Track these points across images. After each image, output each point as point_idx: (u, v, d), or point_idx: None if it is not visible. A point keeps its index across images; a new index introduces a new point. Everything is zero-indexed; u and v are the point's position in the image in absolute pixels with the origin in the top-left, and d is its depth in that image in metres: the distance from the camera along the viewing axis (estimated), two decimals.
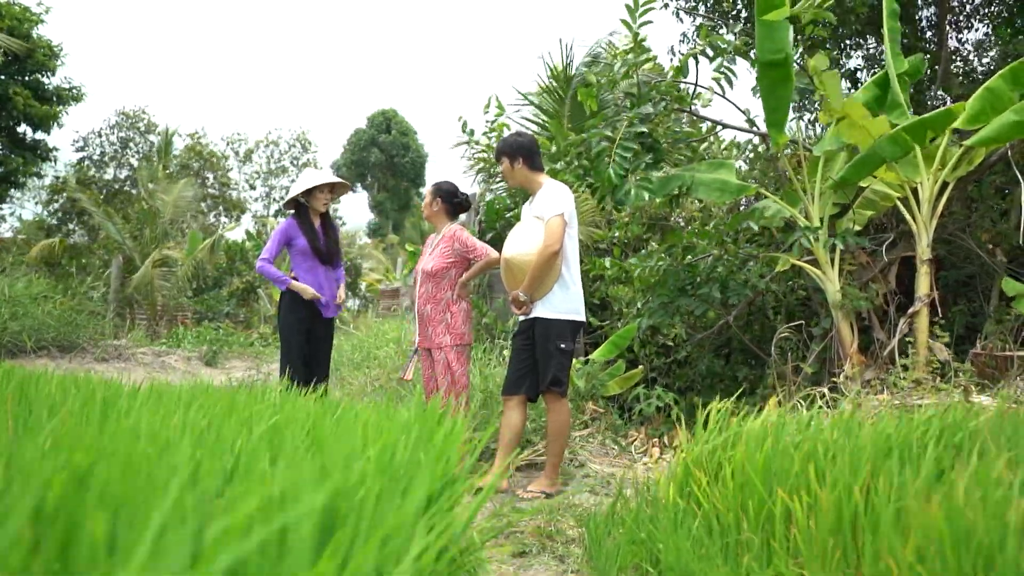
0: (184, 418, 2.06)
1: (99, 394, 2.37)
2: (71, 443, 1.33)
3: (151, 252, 16.60)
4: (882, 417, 2.62)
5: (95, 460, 1.15)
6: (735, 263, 5.91)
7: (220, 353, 10.56)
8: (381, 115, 36.86)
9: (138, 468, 1.18)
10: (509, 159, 4.49)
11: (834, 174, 5.25)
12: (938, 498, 1.52)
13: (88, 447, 1.24)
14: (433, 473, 1.78)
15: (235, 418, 2.07)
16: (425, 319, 4.80)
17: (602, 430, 5.42)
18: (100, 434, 1.53)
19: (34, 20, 17.89)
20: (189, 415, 2.22)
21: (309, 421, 2.11)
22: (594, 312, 7.87)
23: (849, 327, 5.26)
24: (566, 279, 4.27)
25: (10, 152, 18.10)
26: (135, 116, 24.19)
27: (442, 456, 1.86)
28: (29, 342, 8.70)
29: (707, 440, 2.88)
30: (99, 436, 1.50)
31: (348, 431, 1.86)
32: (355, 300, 27.49)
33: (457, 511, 2.20)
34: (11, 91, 17.04)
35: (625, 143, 5.05)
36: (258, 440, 1.66)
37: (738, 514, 2.50)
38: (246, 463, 1.39)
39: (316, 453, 1.51)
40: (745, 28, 5.95)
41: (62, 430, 1.58)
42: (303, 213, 5.22)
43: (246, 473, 1.32)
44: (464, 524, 2.09)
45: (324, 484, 1.09)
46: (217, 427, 1.90)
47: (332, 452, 1.46)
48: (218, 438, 1.62)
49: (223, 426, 1.89)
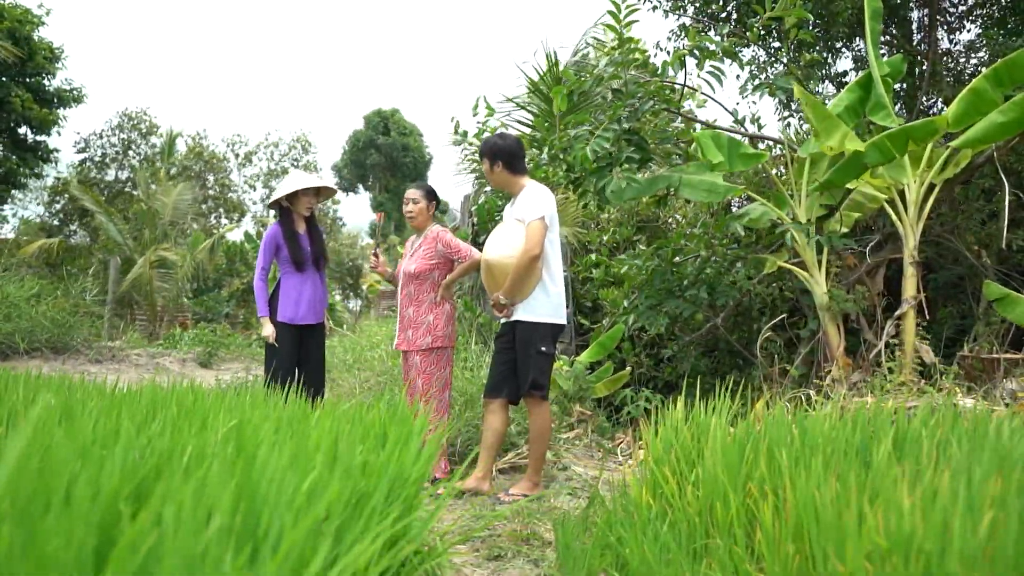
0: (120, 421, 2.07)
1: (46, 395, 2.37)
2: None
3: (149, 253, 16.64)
4: (847, 417, 2.61)
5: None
6: (723, 265, 5.91)
7: (216, 355, 10.57)
8: (377, 115, 36.82)
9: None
10: (489, 161, 4.48)
11: (820, 176, 5.24)
12: (876, 504, 1.52)
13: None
14: (380, 475, 1.78)
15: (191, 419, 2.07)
16: (407, 321, 4.79)
17: (588, 432, 5.41)
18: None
19: (35, 22, 17.93)
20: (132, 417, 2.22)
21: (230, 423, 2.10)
22: (585, 314, 7.87)
23: (836, 329, 5.25)
24: (547, 282, 4.27)
25: (11, 153, 18.15)
26: (137, 117, 24.22)
27: (392, 459, 1.85)
28: (22, 343, 8.71)
29: (673, 440, 2.88)
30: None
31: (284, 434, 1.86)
32: (356, 301, 27.54)
33: (419, 514, 2.20)
34: (12, 94, 17.08)
35: (605, 132, 5.03)
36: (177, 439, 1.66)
37: (705, 517, 2.50)
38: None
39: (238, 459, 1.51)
40: (734, 29, 5.95)
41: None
42: (287, 217, 5.14)
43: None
44: (421, 527, 2.10)
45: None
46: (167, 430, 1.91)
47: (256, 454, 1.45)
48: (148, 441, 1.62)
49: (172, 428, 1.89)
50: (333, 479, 1.49)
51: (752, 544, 2.27)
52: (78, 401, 2.47)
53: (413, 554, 2.11)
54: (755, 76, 5.33)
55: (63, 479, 1.12)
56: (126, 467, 1.38)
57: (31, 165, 18.77)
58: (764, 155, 5.28)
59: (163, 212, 18.89)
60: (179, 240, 19.51)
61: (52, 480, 1.16)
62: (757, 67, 5.40)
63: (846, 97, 5.39)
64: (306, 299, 5.06)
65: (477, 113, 6.46)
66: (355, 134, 37.24)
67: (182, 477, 1.25)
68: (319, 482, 1.39)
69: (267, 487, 1.22)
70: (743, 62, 5.46)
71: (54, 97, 18.65)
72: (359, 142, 36.77)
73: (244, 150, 26.08)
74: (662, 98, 5.50)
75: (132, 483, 1.25)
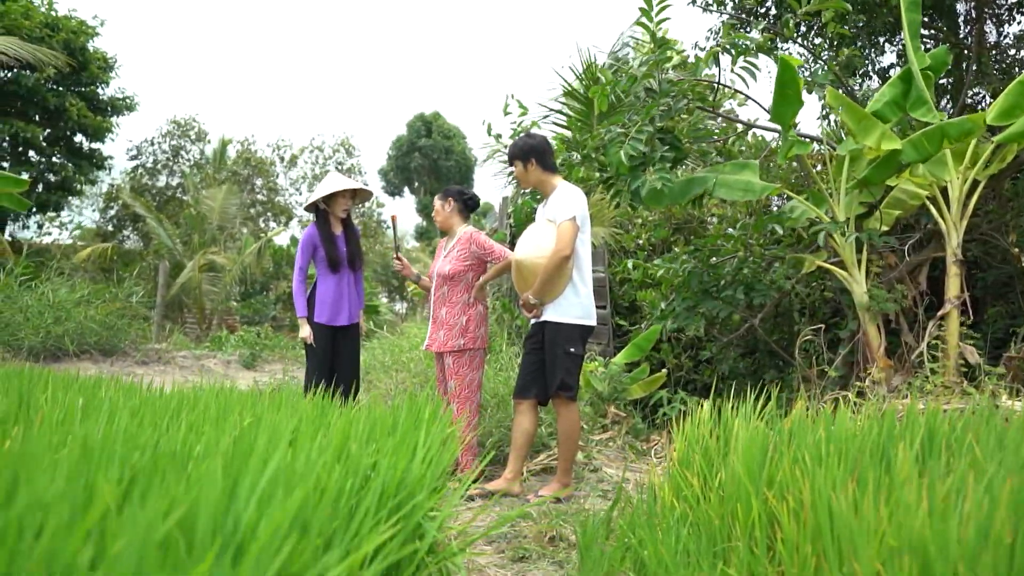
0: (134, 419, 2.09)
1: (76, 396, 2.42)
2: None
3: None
4: (872, 419, 2.54)
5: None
6: (760, 265, 5.82)
7: (259, 356, 10.72)
8: (420, 119, 37.07)
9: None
10: (522, 162, 4.47)
11: (859, 174, 5.13)
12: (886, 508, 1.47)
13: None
14: (387, 474, 1.78)
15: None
16: (439, 322, 4.80)
17: (622, 434, 5.36)
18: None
19: (89, 33, 18.43)
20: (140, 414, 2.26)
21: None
22: (623, 315, 7.82)
23: (876, 330, 5.13)
24: (577, 283, 4.24)
25: (67, 161, 18.67)
26: (186, 124, 24.76)
27: (396, 460, 1.85)
28: (71, 346, 8.94)
29: (699, 442, 2.84)
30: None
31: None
32: (401, 303, 27.72)
33: (435, 513, 2.20)
34: (67, 103, 17.57)
35: (639, 134, 4.98)
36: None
37: (727, 519, 2.46)
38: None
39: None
40: (771, 25, 5.86)
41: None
42: (324, 219, 5.19)
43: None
44: (435, 527, 2.09)
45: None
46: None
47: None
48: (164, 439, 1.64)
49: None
50: (331, 478, 1.49)
51: (774, 547, 2.23)
52: (103, 401, 2.52)
53: (427, 552, 2.11)
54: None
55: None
56: (129, 463, 1.40)
57: (86, 172, 19.28)
58: (809, 146, 5.17)
59: (212, 217, 19.27)
60: (228, 244, 19.87)
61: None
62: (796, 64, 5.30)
63: (887, 92, 5.26)
64: (341, 300, 5.10)
65: (508, 113, 6.44)
66: (399, 138, 37.53)
67: (173, 475, 1.27)
68: (302, 480, 1.40)
69: (249, 488, 1.22)
70: (779, 59, 5.35)
71: (107, 106, 19.15)
72: (402, 146, 37.05)
73: (289, 154, 26.47)
74: (696, 96, 5.43)
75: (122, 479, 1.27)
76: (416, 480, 2.05)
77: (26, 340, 8.75)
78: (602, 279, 7.58)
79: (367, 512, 1.49)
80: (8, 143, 17.48)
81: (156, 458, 1.41)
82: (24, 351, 8.65)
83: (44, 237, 20.41)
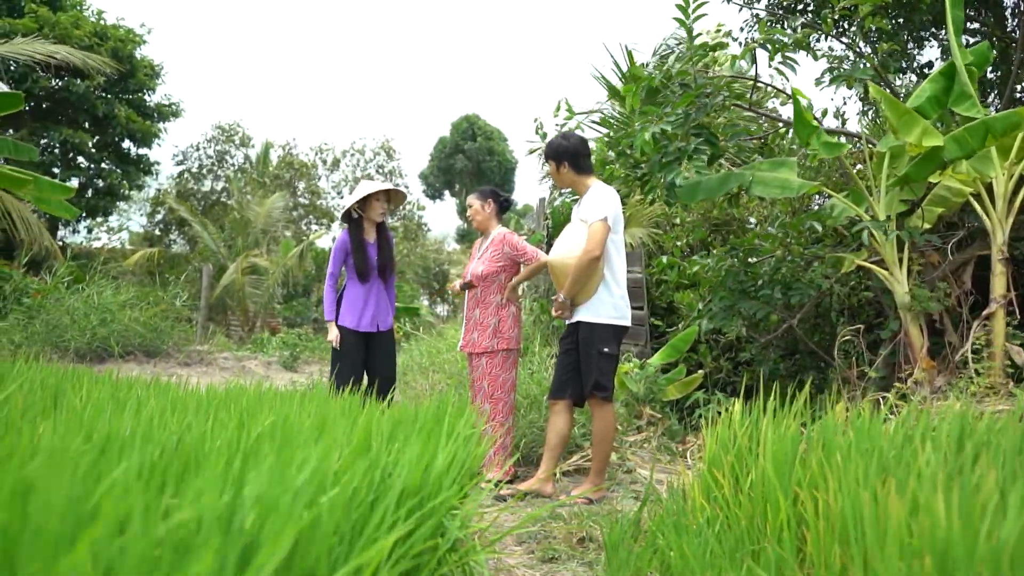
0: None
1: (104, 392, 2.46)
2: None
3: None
4: (902, 420, 2.48)
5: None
6: (799, 264, 5.72)
7: (299, 358, 10.85)
8: (465, 121, 37.09)
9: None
10: (555, 162, 4.47)
11: (900, 171, 5.02)
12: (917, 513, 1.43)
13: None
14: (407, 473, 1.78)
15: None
16: (473, 323, 4.81)
17: (657, 435, 5.31)
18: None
19: (137, 41, 18.83)
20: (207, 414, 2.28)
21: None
22: (660, 316, 7.76)
23: (918, 330, 5.02)
24: (610, 283, 4.22)
25: (115, 166, 19.09)
26: (231, 129, 25.17)
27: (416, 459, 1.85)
28: (116, 347, 9.14)
29: (729, 443, 2.79)
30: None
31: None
32: (443, 305, 27.84)
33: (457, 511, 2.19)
34: (115, 109, 17.97)
35: (667, 122, 4.94)
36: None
37: (757, 520, 2.42)
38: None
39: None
40: (808, 20, 5.76)
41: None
42: (357, 226, 5.22)
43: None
44: (456, 525, 2.09)
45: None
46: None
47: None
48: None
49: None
50: (346, 474, 1.49)
51: (804, 548, 2.19)
52: (134, 399, 2.56)
53: (448, 551, 2.11)
54: (833, 68, 5.13)
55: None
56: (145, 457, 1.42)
57: (133, 177, 19.70)
58: (845, 146, 5.08)
59: (255, 220, 19.57)
60: (271, 247, 20.15)
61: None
62: (834, 59, 5.20)
63: (928, 87, 5.14)
64: (368, 309, 5.12)
65: (558, 114, 6.44)
66: (442, 140, 37.63)
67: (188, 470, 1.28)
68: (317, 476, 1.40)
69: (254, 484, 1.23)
70: (817, 54, 5.26)
71: (154, 112, 19.55)
72: (446, 148, 37.14)
73: (331, 157, 26.77)
74: (732, 93, 5.37)
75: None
76: (437, 478, 2.04)
77: (73, 342, 8.97)
78: (639, 280, 7.53)
79: (386, 510, 1.48)
80: (59, 150, 17.92)
81: (163, 455, 1.43)
82: (71, 353, 8.86)
83: (94, 242, 20.90)
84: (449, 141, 37.14)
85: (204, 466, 1.40)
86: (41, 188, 9.13)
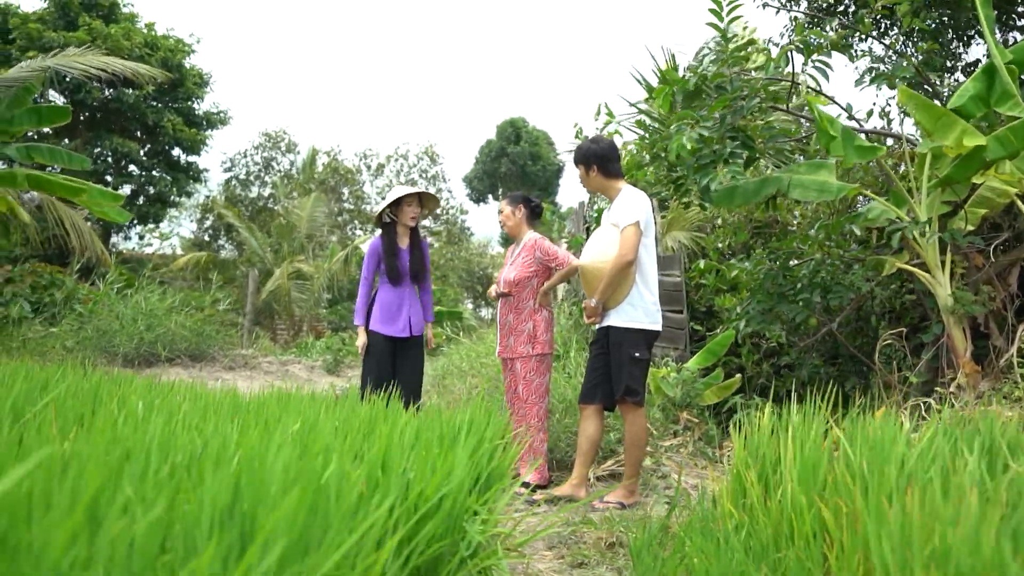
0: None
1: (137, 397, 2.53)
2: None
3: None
4: (931, 425, 2.44)
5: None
6: (839, 267, 5.64)
7: (342, 362, 10.98)
8: (509, 125, 37.03)
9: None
10: (584, 166, 4.47)
11: (941, 172, 4.92)
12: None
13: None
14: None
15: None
16: (507, 329, 4.83)
17: (694, 440, 5.28)
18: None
19: (186, 51, 19.26)
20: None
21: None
22: (700, 320, 7.69)
23: (962, 333, 4.91)
24: (641, 288, 4.21)
25: (165, 174, 19.54)
26: (277, 136, 25.60)
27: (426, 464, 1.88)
28: (163, 352, 9.35)
29: (759, 448, 2.77)
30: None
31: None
32: (487, 309, 27.94)
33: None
34: (164, 118, 18.39)
35: (703, 127, 4.90)
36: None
37: (783, 527, 2.40)
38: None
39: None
40: (844, 21, 5.68)
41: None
42: (390, 230, 5.28)
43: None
44: (476, 528, 2.11)
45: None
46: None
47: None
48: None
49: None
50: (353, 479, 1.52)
51: (830, 557, 2.17)
52: (172, 404, 2.63)
53: (469, 555, 2.13)
54: (873, 68, 5.06)
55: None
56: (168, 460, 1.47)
57: (183, 185, 20.12)
58: (881, 149, 5.00)
59: (300, 226, 19.86)
60: (317, 252, 20.43)
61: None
62: (873, 59, 5.13)
63: (971, 87, 5.03)
64: (400, 314, 5.16)
65: (598, 118, 6.43)
66: (487, 144, 37.65)
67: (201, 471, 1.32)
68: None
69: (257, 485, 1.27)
70: (855, 55, 5.18)
71: (203, 120, 19.96)
72: (491, 151, 37.15)
73: (375, 163, 27.04)
74: (769, 96, 5.31)
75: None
76: (458, 481, 2.07)
77: (121, 347, 9.20)
78: (678, 283, 7.48)
79: (392, 511, 1.51)
80: (111, 158, 18.39)
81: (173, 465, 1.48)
82: (120, 357, 9.09)
83: (145, 248, 21.38)
84: (495, 144, 37.14)
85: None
86: (93, 195, 9.42)
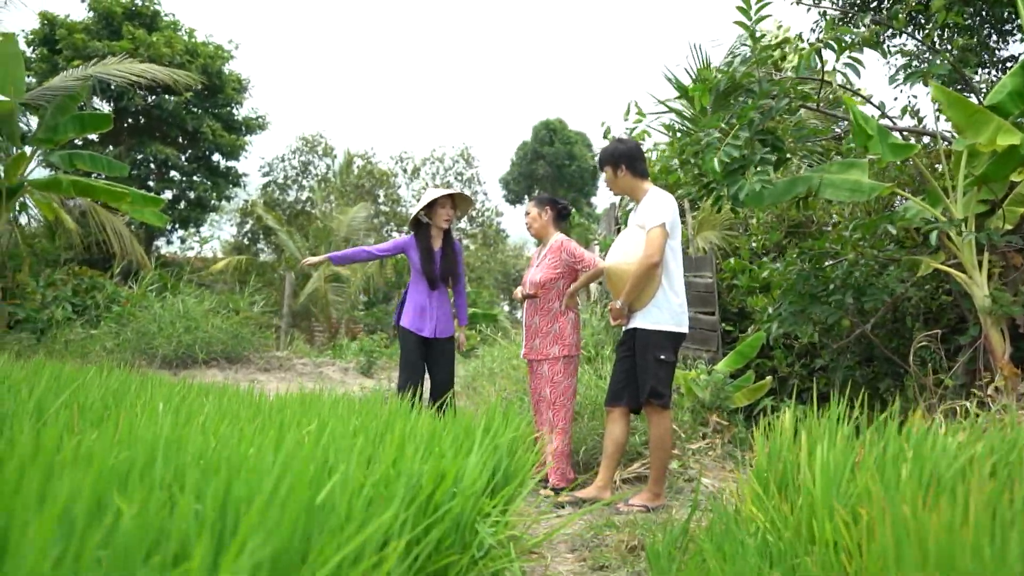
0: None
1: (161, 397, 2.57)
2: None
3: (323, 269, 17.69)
4: (956, 430, 2.38)
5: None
6: (873, 268, 5.54)
7: (376, 363, 11.05)
8: (544, 127, 37.03)
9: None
10: (612, 167, 4.45)
11: (977, 170, 4.81)
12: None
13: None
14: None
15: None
16: (533, 330, 4.83)
17: (723, 443, 5.22)
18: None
19: (225, 57, 19.55)
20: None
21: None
22: (732, 321, 7.61)
23: (1000, 335, 4.79)
24: (667, 290, 4.17)
25: (205, 179, 19.85)
26: (314, 140, 25.88)
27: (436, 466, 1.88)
28: (200, 354, 9.50)
29: (781, 451, 2.73)
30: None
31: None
32: (522, 311, 28.00)
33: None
34: (204, 124, 18.69)
35: (735, 139, 4.84)
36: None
37: (803, 534, 2.36)
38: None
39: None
40: (879, 18, 5.58)
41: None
42: (425, 233, 5.32)
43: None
44: (485, 529, 2.11)
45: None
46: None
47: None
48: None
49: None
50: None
51: (850, 565, 2.13)
52: (193, 406, 2.67)
53: (482, 556, 2.13)
54: (908, 65, 4.95)
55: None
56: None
57: (222, 189, 20.43)
58: (916, 147, 4.90)
59: (338, 229, 20.06)
60: None
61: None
62: (909, 55, 5.03)
63: (1009, 82, 4.91)
64: (431, 316, 5.20)
65: (628, 117, 6.38)
66: (523, 145, 37.68)
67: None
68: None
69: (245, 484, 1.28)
70: (887, 51, 5.08)
71: (241, 125, 20.25)
72: (527, 153, 37.16)
73: (411, 166, 27.19)
74: (799, 95, 5.24)
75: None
76: (470, 484, 2.07)
77: (159, 349, 9.37)
78: (710, 285, 7.41)
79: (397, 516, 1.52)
80: (153, 163, 18.74)
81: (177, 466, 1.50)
82: (158, 359, 9.26)
83: (187, 251, 21.74)
84: (530, 146, 37.15)
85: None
86: (134, 200, 9.63)
